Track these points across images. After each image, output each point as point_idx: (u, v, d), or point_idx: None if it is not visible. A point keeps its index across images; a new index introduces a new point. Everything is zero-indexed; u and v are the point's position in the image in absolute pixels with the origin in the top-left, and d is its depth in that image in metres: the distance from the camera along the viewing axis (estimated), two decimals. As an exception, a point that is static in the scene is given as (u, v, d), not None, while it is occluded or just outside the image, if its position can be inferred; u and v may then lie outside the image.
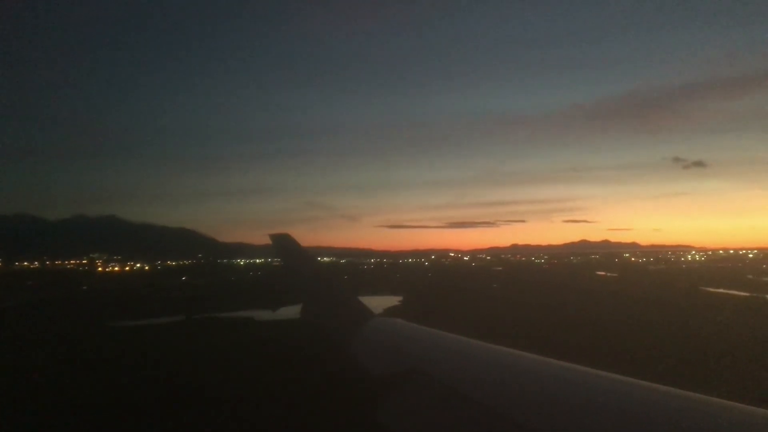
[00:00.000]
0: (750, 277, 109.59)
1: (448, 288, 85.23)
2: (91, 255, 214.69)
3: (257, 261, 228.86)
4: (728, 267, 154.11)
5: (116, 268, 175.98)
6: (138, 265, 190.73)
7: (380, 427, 3.95)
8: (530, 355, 4.36)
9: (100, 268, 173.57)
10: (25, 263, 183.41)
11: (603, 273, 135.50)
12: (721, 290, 79.95)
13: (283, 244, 8.61)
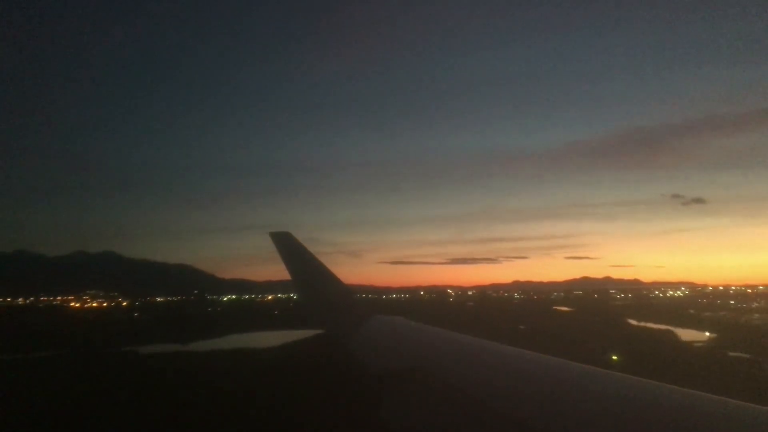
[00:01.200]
0: (691, 311, 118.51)
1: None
2: (88, 291, 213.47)
3: (246, 297, 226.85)
4: (690, 302, 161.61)
5: (94, 304, 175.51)
6: (119, 300, 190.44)
7: (382, 424, 3.97)
8: (531, 354, 4.38)
9: (76, 304, 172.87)
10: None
11: (560, 308, 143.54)
12: (641, 323, 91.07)
13: (284, 242, 8.58)
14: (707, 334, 72.98)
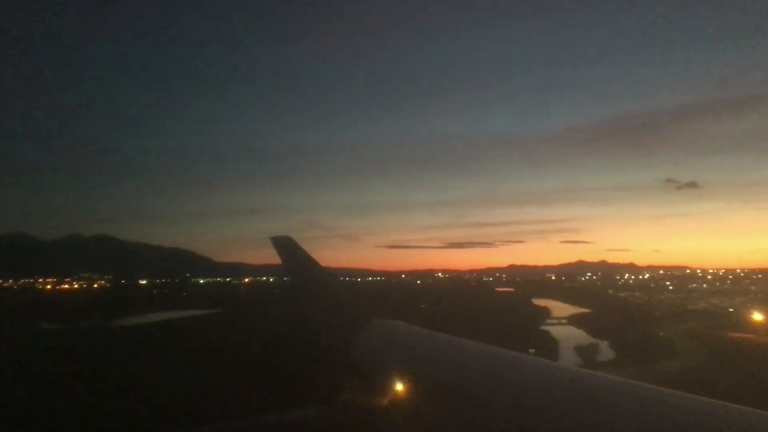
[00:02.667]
0: (610, 291, 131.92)
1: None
2: (82, 274, 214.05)
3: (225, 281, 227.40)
4: (634, 285, 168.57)
5: (67, 286, 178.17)
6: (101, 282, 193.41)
7: (381, 430, 4.02)
8: (531, 357, 4.49)
9: (48, 287, 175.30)
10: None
11: (501, 289, 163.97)
12: (532, 298, 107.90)
13: (285, 246, 8.57)
14: (575, 307, 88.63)
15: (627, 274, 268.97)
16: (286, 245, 8.63)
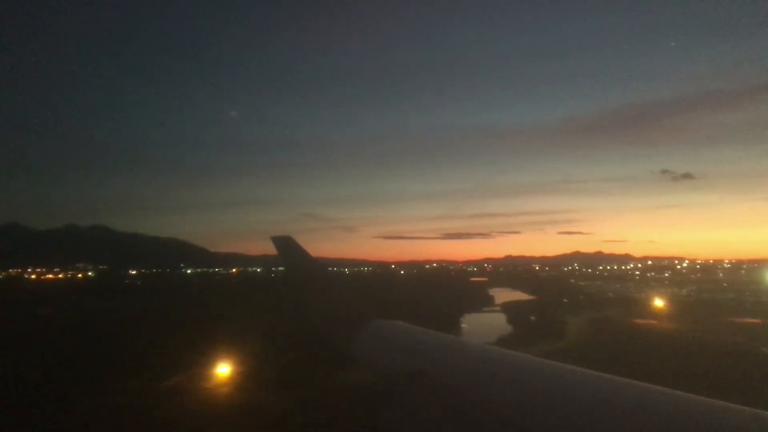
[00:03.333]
0: (572, 281, 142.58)
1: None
2: (77, 264, 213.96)
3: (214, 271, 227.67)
4: (611, 276, 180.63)
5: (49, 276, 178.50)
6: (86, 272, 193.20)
7: (382, 429, 4.00)
8: (531, 357, 4.41)
9: (33, 276, 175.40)
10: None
11: (477, 278, 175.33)
12: (508, 288, 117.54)
13: (286, 246, 8.67)
14: (525, 295, 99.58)
15: (616, 265, 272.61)
16: (286, 245, 8.72)
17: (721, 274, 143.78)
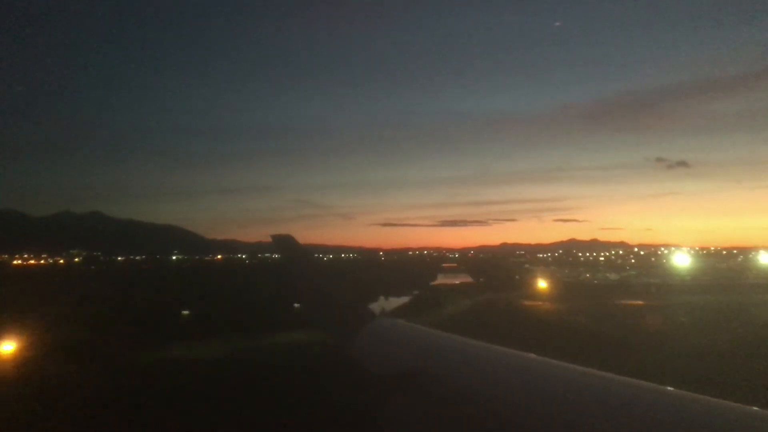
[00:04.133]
0: (527, 266, 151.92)
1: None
2: (71, 251, 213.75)
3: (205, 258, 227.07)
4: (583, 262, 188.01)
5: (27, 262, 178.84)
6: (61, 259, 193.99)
7: (383, 428, 3.96)
8: (532, 356, 4.36)
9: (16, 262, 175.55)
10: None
11: (447, 264, 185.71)
12: (461, 274, 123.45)
13: (286, 245, 8.63)
14: (470, 279, 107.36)
15: (604, 252, 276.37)
16: (286, 243, 8.65)
17: (690, 261, 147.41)
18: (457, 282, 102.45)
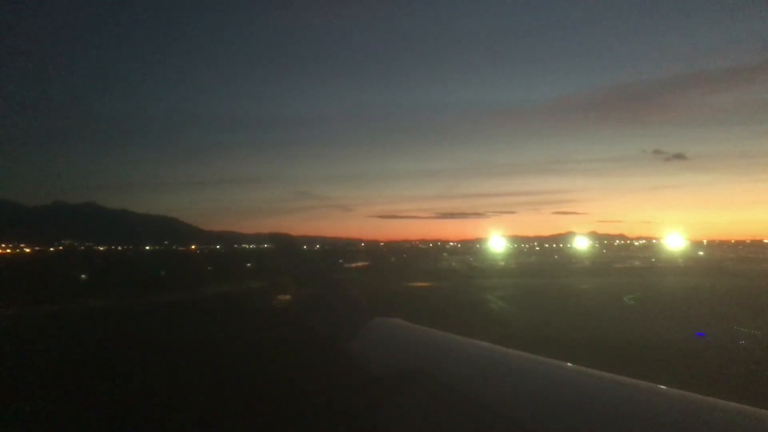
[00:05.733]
0: (445, 254, 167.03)
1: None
2: (63, 242, 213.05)
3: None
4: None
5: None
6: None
7: (382, 427, 3.87)
8: (531, 356, 4.20)
9: None
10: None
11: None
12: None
13: (284, 244, 8.79)
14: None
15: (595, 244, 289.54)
16: (286, 242, 8.86)
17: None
18: (359, 264, 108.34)
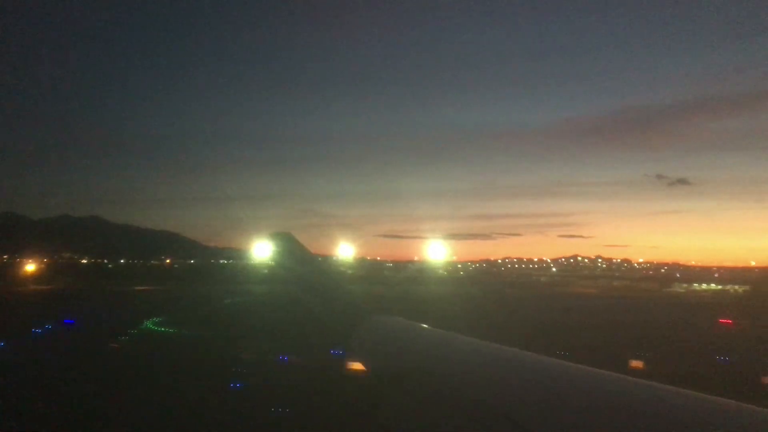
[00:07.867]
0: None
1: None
2: (62, 254, 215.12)
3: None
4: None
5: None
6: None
7: (381, 426, 3.97)
8: (531, 354, 4.25)
9: None
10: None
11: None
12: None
13: (284, 243, 8.65)
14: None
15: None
16: (286, 242, 8.74)
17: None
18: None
